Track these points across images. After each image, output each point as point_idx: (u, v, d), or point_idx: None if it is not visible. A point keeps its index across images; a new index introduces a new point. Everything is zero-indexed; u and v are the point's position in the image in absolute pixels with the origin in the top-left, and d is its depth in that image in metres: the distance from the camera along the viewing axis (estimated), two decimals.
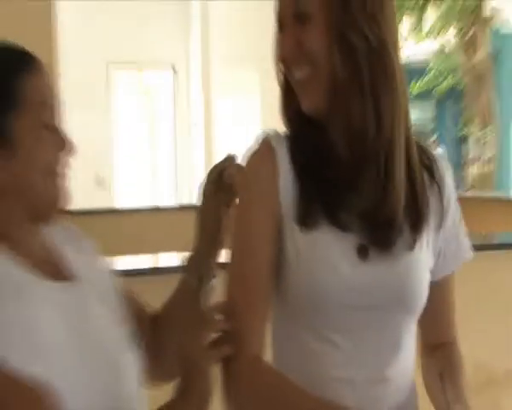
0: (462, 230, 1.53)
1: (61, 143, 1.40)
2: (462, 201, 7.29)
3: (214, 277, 1.66)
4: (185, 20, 9.71)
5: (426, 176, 1.45)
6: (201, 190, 1.60)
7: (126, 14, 9.23)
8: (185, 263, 1.65)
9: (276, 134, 1.43)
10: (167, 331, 1.68)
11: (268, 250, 1.38)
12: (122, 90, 9.81)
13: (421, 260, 1.42)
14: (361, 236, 1.37)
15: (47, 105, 1.39)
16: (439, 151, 1.57)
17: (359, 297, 1.36)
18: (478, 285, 1.45)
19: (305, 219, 1.36)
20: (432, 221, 1.43)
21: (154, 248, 3.57)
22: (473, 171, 12.53)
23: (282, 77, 1.45)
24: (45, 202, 1.41)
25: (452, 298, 1.57)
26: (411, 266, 1.40)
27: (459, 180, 14.61)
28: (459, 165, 15.39)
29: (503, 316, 3.25)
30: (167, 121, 10.03)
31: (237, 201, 1.49)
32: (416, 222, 1.40)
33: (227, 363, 1.35)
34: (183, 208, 6.90)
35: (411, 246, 1.39)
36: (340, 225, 1.36)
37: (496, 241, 3.98)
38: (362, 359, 1.38)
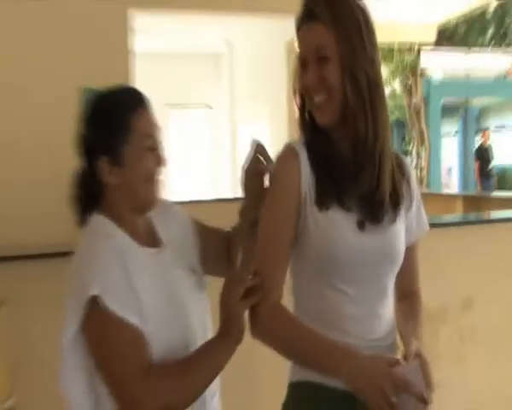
0: (423, 211, 1.59)
1: (158, 160, 1.43)
2: None
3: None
4: (217, 73, 9.96)
5: (399, 173, 1.49)
6: (244, 169, 1.55)
7: (176, 68, 9.50)
8: (239, 211, 1.60)
9: (298, 143, 1.47)
10: (224, 256, 1.65)
11: (289, 225, 1.41)
12: (175, 122, 10.24)
13: (400, 230, 1.48)
14: (360, 214, 1.42)
15: (150, 134, 1.42)
16: (406, 158, 1.60)
17: (360, 256, 1.40)
18: (421, 253, 1.51)
19: (321, 202, 1.40)
20: (403, 203, 1.49)
21: None
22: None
23: (300, 100, 1.47)
24: (145, 201, 1.45)
25: (416, 258, 1.62)
26: (394, 235, 1.45)
27: None
28: None
29: (439, 272, 3.32)
30: (206, 141, 10.54)
31: (268, 186, 1.48)
32: (396, 203, 1.46)
33: (255, 307, 1.38)
34: (220, 201, 6.58)
35: (393, 220, 1.45)
36: (345, 206, 1.40)
37: (432, 221, 3.85)
38: (362, 301, 1.43)
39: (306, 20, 1.41)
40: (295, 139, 1.50)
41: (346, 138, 1.43)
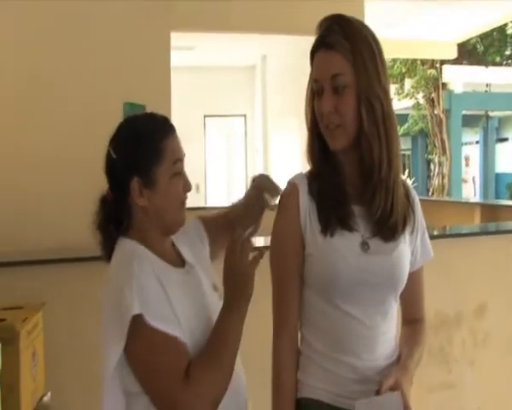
0: (427, 237, 1.55)
1: (185, 185, 1.42)
2: (428, 203, 8.38)
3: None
4: (251, 85, 9.93)
5: (405, 198, 1.47)
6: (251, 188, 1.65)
7: (215, 82, 9.55)
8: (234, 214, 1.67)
9: (300, 175, 1.46)
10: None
11: (296, 257, 1.41)
12: (213, 131, 10.35)
13: (404, 253, 1.43)
14: (364, 234, 1.39)
15: (179, 159, 1.41)
16: (409, 183, 1.57)
17: (362, 277, 1.37)
18: (438, 262, 1.51)
19: (325, 228, 1.38)
20: (408, 227, 1.45)
21: None
22: (434, 182, 13.54)
23: (311, 125, 1.43)
24: (173, 224, 1.45)
25: (422, 285, 1.57)
26: (398, 257, 1.41)
27: (426, 188, 15.41)
28: (427, 178, 16.67)
29: (454, 280, 3.36)
30: (241, 150, 10.48)
31: (273, 223, 1.46)
32: (403, 226, 1.43)
33: (276, 336, 1.42)
34: None
35: (398, 242, 1.41)
36: (349, 228, 1.38)
37: (450, 232, 4.03)
38: (365, 321, 1.39)
39: (323, 48, 1.36)
40: (299, 172, 1.48)
41: (356, 163, 1.40)
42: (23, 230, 3.68)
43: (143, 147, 1.37)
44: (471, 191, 14.33)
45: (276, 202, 1.49)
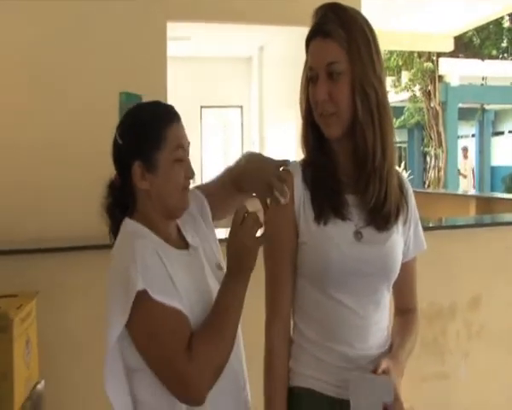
0: (420, 229, 1.54)
1: (186, 171, 1.44)
2: (424, 195, 8.44)
3: None
4: (248, 77, 9.95)
5: (399, 189, 1.46)
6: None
7: (211, 73, 9.58)
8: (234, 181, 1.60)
9: (294, 163, 1.46)
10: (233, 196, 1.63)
11: (289, 244, 1.40)
12: (209, 122, 10.38)
13: (397, 242, 1.43)
14: (357, 223, 1.39)
15: (182, 146, 1.44)
16: (403, 175, 1.56)
17: (355, 267, 1.36)
18: (433, 254, 1.55)
19: (319, 216, 1.38)
20: (401, 218, 1.45)
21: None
22: (431, 175, 13.60)
23: (306, 112, 1.42)
24: (174, 208, 1.47)
25: (414, 275, 1.57)
26: (391, 247, 1.41)
27: (423, 181, 15.35)
28: (423, 171, 16.88)
29: (451, 270, 3.38)
30: (237, 141, 10.50)
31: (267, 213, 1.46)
32: (396, 216, 1.42)
33: (268, 323, 1.42)
34: None
35: (391, 232, 1.41)
36: (342, 217, 1.38)
37: (445, 223, 4.06)
38: (357, 310, 1.39)
39: (318, 36, 1.35)
40: (294, 160, 1.47)
41: (350, 151, 1.39)
42: (20, 223, 3.63)
43: (146, 132, 1.40)
44: (470, 184, 13.49)
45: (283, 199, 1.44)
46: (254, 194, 1.55)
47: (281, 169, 1.47)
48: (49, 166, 3.80)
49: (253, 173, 1.52)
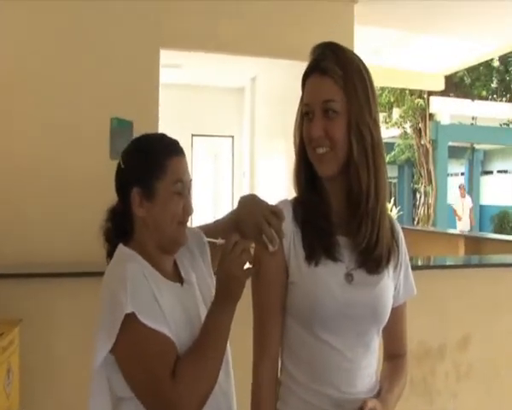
0: (410, 273, 1.53)
1: (185, 207, 1.44)
2: (414, 232, 8.30)
3: None
4: (240, 108, 9.88)
5: (390, 233, 1.45)
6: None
7: (203, 101, 9.47)
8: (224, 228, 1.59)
9: (285, 201, 1.44)
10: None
11: (278, 282, 1.38)
12: (200, 151, 10.22)
13: (388, 287, 1.41)
14: (348, 265, 1.37)
15: (182, 180, 1.44)
16: (393, 217, 1.54)
17: (345, 309, 1.34)
18: (422, 293, 1.50)
19: (310, 257, 1.35)
20: (392, 262, 1.42)
21: None
22: (420, 212, 13.54)
23: (299, 150, 1.41)
24: (170, 240, 1.46)
25: (404, 322, 1.55)
26: (382, 290, 1.38)
27: (412, 218, 15.33)
28: (412, 207, 16.71)
29: (439, 310, 3.39)
30: (228, 171, 10.39)
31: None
32: (387, 260, 1.40)
33: (256, 363, 1.39)
34: None
35: (382, 276, 1.39)
36: (334, 258, 1.35)
37: (434, 263, 4.11)
38: (345, 353, 1.36)
39: (316, 73, 1.35)
40: (284, 198, 1.44)
41: (343, 192, 1.38)
42: (4, 246, 3.57)
43: (147, 160, 1.42)
44: (466, 226, 12.27)
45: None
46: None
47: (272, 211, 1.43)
48: (37, 190, 3.75)
49: (245, 218, 1.49)
